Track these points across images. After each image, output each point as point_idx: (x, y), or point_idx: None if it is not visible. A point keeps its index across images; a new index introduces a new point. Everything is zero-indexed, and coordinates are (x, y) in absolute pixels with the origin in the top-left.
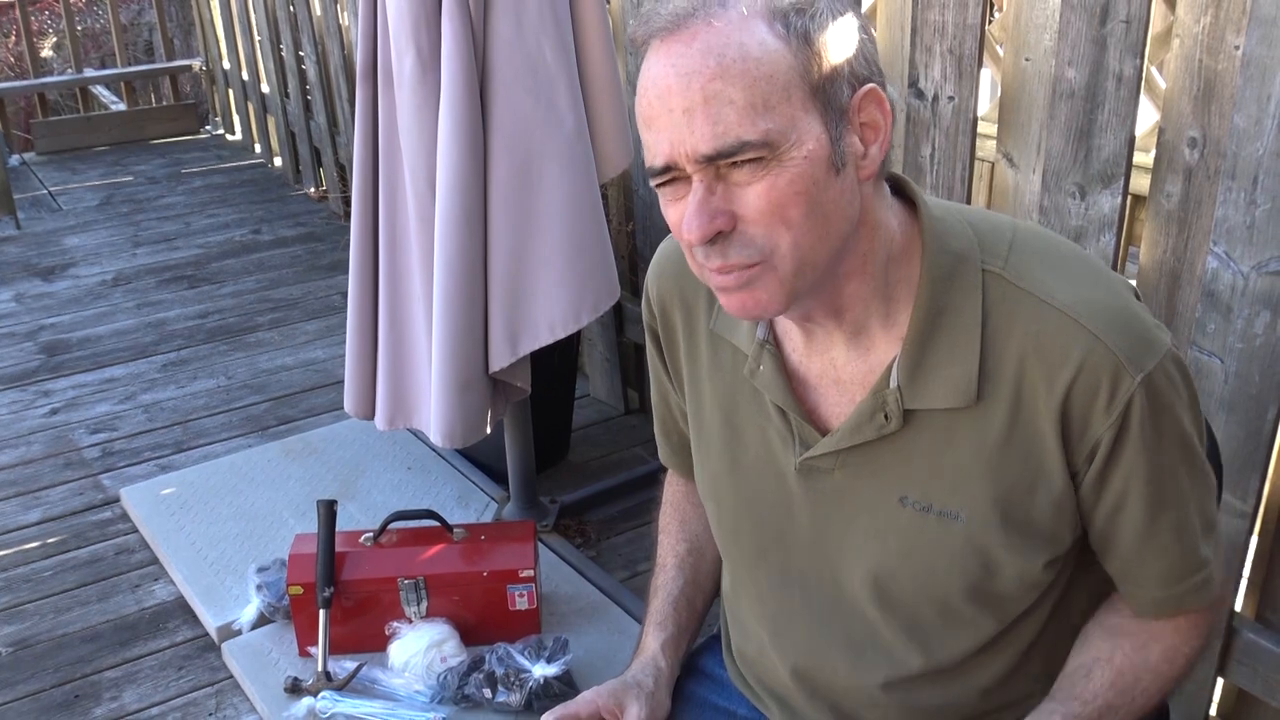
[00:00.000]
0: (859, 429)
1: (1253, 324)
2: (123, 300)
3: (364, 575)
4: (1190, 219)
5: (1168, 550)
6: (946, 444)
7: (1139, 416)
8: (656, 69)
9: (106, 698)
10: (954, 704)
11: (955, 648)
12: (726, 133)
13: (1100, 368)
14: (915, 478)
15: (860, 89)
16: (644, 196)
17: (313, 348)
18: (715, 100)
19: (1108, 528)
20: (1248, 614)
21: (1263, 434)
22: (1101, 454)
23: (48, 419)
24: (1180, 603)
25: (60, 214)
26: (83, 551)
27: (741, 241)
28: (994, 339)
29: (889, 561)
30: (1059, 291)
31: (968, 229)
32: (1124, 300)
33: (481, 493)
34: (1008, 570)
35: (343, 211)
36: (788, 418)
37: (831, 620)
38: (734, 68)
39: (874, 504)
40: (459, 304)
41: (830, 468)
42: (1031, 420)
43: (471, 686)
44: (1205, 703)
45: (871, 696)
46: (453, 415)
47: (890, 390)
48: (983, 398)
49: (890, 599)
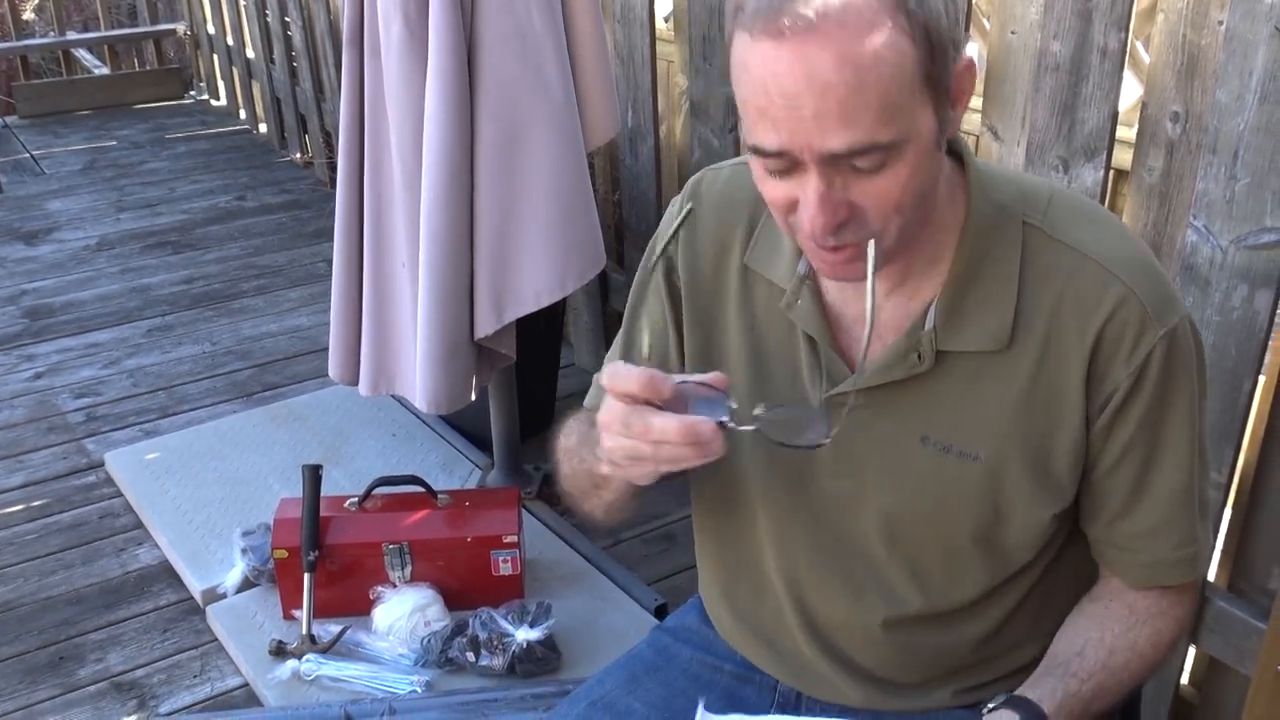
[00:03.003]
0: (890, 368)
1: (1230, 297)
2: (107, 265)
3: (349, 539)
4: (1171, 193)
5: (1160, 511)
6: (973, 387)
7: (1156, 368)
8: (782, 68)
9: (91, 660)
10: (947, 650)
11: (955, 594)
12: (861, 136)
13: (1129, 316)
14: (939, 418)
15: (961, 62)
16: (630, 166)
17: (297, 315)
18: (851, 109)
19: (1107, 482)
20: (1220, 584)
21: (1238, 406)
22: (1115, 402)
23: (31, 383)
24: (1164, 573)
25: (43, 178)
26: (66, 515)
27: (856, 226)
28: (1030, 287)
29: (903, 499)
30: (1094, 244)
31: (1012, 185)
32: (1151, 260)
33: (466, 460)
34: (1016, 518)
35: (328, 178)
36: (817, 353)
37: (837, 555)
38: (869, 76)
39: (895, 442)
40: (445, 271)
41: (855, 405)
42: (1059, 367)
43: (455, 650)
44: (1177, 671)
45: (869, 635)
46: (438, 381)
47: (926, 331)
48: (1014, 343)
49: (898, 538)
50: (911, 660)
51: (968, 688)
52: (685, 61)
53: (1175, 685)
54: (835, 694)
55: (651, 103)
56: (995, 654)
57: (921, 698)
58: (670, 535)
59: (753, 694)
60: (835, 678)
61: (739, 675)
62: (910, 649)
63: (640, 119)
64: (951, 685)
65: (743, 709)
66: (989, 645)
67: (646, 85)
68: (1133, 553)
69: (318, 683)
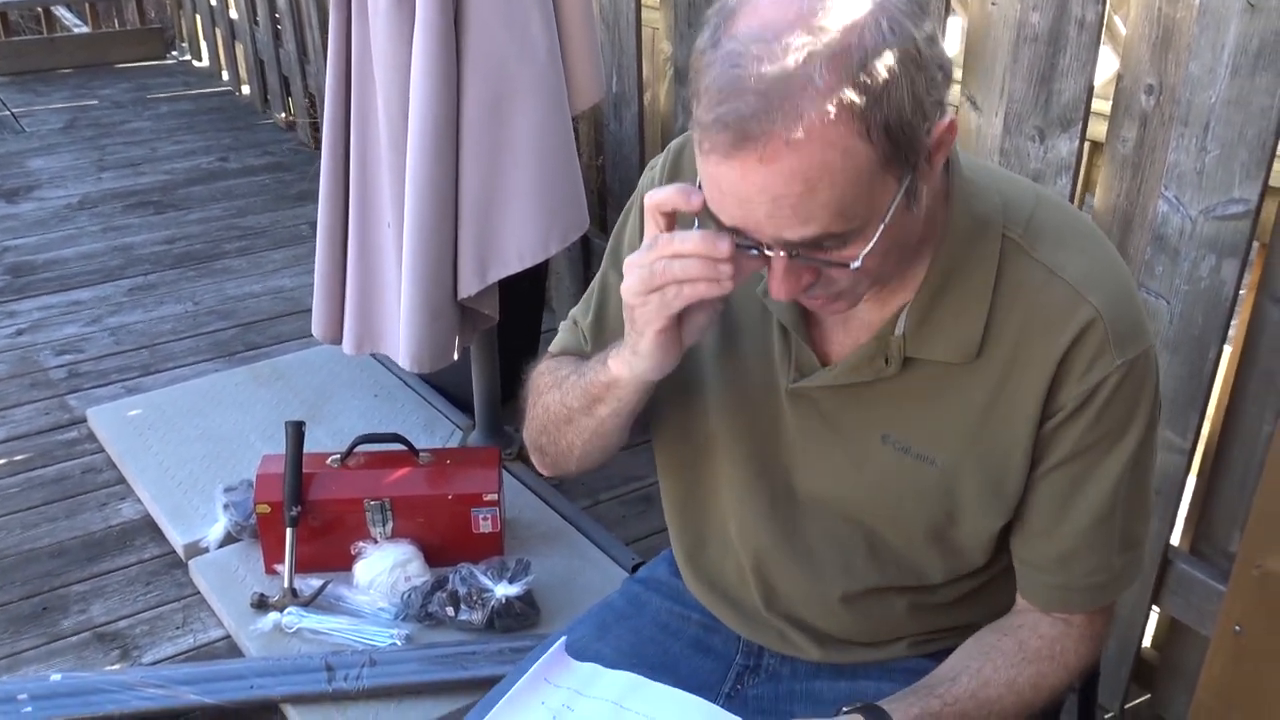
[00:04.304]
0: (858, 369)
1: (1198, 267)
2: (88, 224)
3: (331, 495)
4: (1144, 164)
5: (1078, 538)
6: (937, 395)
7: (1104, 396)
8: (733, 178)
9: (74, 610)
10: (905, 617)
11: (912, 577)
12: (817, 230)
13: (1091, 342)
14: (900, 420)
15: (941, 124)
16: (614, 132)
17: (280, 276)
18: (805, 211)
19: (1032, 495)
20: (1183, 548)
21: (1203, 374)
22: (1058, 419)
23: (13, 339)
24: (1071, 598)
25: (23, 136)
26: (49, 470)
27: (825, 284)
28: (1001, 302)
29: (860, 490)
30: (1069, 265)
31: (995, 195)
32: (1128, 286)
33: (447, 421)
34: (967, 524)
35: (311, 141)
36: (789, 342)
37: (797, 535)
38: (821, 183)
39: (856, 436)
40: (429, 231)
41: (820, 398)
42: (1022, 384)
43: (435, 605)
44: (1139, 633)
45: (828, 605)
46: (421, 340)
47: (895, 337)
48: (981, 356)
49: (857, 525)
50: (869, 626)
51: (925, 640)
52: (670, 28)
53: (1137, 648)
54: (795, 650)
55: (636, 69)
56: (954, 619)
57: (879, 651)
58: (648, 497)
59: (719, 643)
60: (795, 637)
61: (706, 625)
62: (869, 617)
63: (625, 85)
64: (908, 640)
65: (710, 657)
66: (948, 613)
67: (631, 51)
68: (1045, 574)
69: (299, 635)
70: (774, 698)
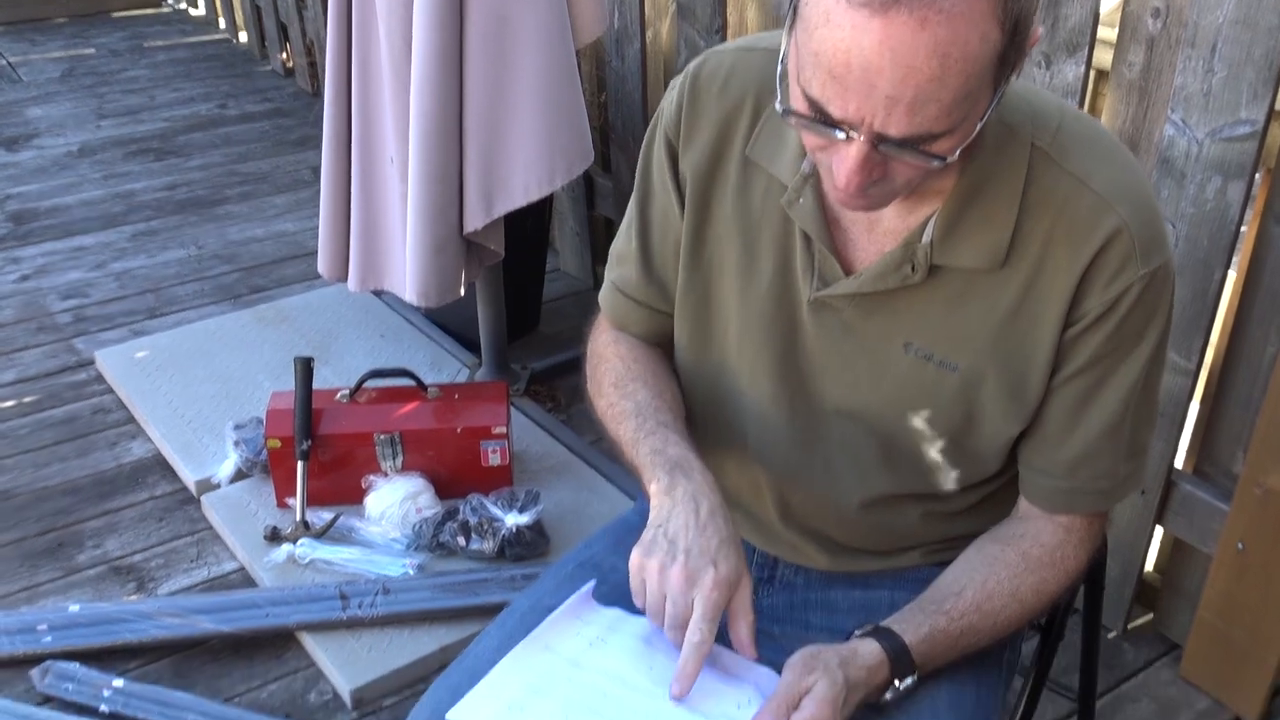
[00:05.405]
0: (883, 276)
1: (1204, 189)
2: (89, 171)
3: (341, 430)
4: (1150, 88)
5: (1089, 444)
6: (961, 302)
7: (1127, 305)
8: (867, 41)
9: (89, 545)
10: (919, 525)
11: (928, 485)
12: (921, 126)
13: (1117, 251)
14: (923, 328)
15: (1033, 33)
16: (616, 68)
17: (282, 220)
18: (924, 100)
19: (1048, 402)
20: (1187, 470)
21: (1208, 295)
22: (1079, 327)
23: (18, 285)
24: (1078, 500)
25: (21, 85)
26: (59, 411)
27: (884, 184)
28: (1029, 211)
29: (880, 398)
30: (1097, 175)
31: (1024, 105)
32: (1151, 197)
33: (453, 359)
34: (986, 428)
35: (310, 86)
36: (812, 251)
37: (815, 442)
38: (953, 69)
39: (878, 346)
40: (434, 164)
41: (843, 307)
42: (1047, 292)
43: (446, 535)
44: (1142, 555)
45: (844, 514)
46: (428, 275)
47: (922, 244)
48: (1007, 264)
49: (875, 433)
50: (884, 536)
51: (937, 549)
52: None
53: (1139, 570)
54: (809, 561)
55: (638, 4)
56: (965, 527)
57: (892, 560)
58: None
59: None
60: (807, 548)
61: None
62: (883, 527)
63: (627, 20)
64: (921, 549)
65: None
66: (959, 522)
67: None
68: (1054, 479)
69: (312, 566)
70: (788, 606)
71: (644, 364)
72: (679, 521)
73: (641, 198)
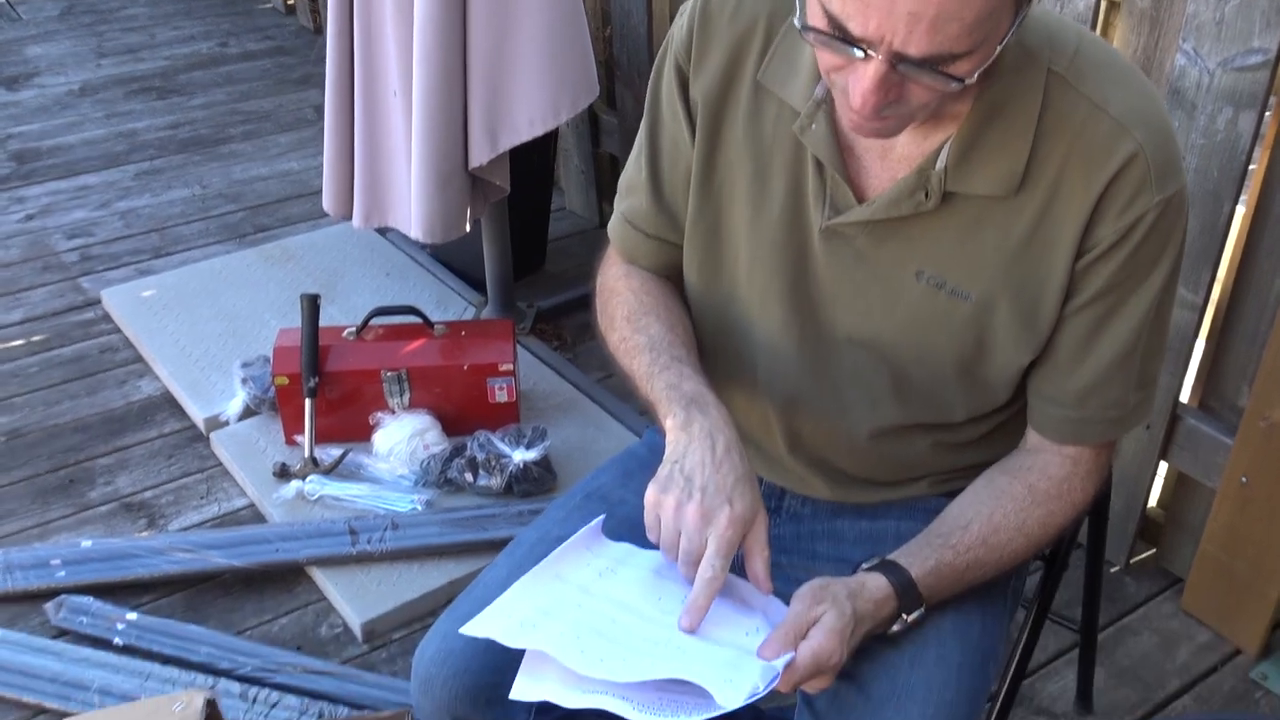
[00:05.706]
0: (896, 203)
1: (1215, 120)
2: (91, 110)
3: (348, 367)
4: (1162, 17)
5: (1100, 373)
6: (974, 229)
7: (1142, 232)
8: None
9: (100, 482)
10: (927, 455)
11: (938, 415)
12: (941, 45)
13: (1132, 177)
14: (936, 256)
15: None
16: (621, 2)
17: (286, 159)
18: (946, 18)
19: (1059, 330)
20: (1192, 404)
21: (1217, 227)
22: (1094, 254)
23: (23, 224)
24: (1087, 430)
25: (20, 24)
26: (67, 349)
27: (900, 105)
28: (1045, 136)
29: (892, 327)
30: (1113, 100)
31: (1041, 28)
32: (1167, 123)
33: (459, 297)
34: (998, 356)
35: (312, 24)
36: (824, 178)
37: (825, 372)
38: None
39: (890, 274)
40: (438, 97)
41: (855, 234)
42: (1061, 218)
43: (454, 471)
44: (1145, 490)
45: (853, 444)
46: (433, 210)
47: (936, 171)
48: (1021, 190)
49: (887, 360)
50: (892, 465)
51: (945, 479)
52: None
53: (1143, 505)
54: (816, 492)
55: None
56: (974, 458)
57: (901, 490)
58: None
59: None
60: (814, 479)
61: None
62: (892, 457)
63: None
64: (929, 479)
65: None
66: (968, 452)
67: None
68: (1064, 408)
69: (321, 502)
70: (795, 537)
71: (656, 297)
72: (695, 458)
73: (651, 125)
